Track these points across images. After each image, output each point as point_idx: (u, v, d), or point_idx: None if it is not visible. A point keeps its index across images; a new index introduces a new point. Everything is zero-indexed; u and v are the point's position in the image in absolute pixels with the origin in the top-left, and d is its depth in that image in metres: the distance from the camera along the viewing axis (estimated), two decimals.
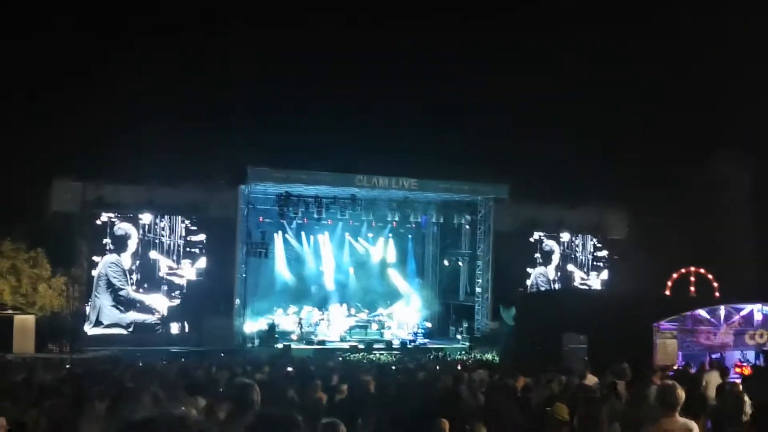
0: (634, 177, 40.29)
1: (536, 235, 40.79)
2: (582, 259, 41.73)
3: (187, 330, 34.65)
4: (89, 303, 33.63)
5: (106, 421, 7.90)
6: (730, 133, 36.39)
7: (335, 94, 41.39)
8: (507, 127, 41.10)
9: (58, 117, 37.22)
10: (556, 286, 40.55)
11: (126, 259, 34.14)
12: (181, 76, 41.72)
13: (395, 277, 41.28)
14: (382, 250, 41.15)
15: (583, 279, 41.55)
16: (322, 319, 37.09)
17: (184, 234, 35.07)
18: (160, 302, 34.65)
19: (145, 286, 34.47)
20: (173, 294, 34.90)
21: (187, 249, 35.12)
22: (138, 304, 34.27)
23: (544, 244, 40.94)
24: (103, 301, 33.76)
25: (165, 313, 34.67)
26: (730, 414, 12.19)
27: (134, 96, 37.15)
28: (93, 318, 33.58)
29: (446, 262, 41.21)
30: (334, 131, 40.34)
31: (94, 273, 33.69)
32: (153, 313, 34.52)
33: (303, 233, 39.50)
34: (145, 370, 20.12)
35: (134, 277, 34.33)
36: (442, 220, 39.52)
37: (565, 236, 41.28)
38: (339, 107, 41.68)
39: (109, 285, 33.89)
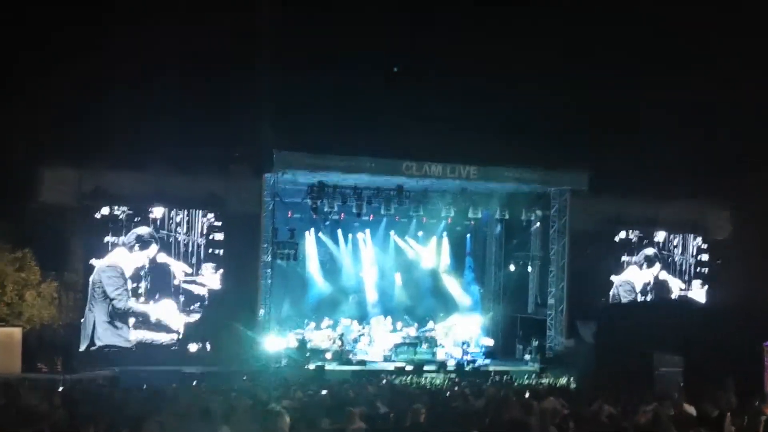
0: (739, 164, 39.83)
1: (622, 234, 40.54)
2: (681, 265, 41.39)
3: (209, 349, 34.93)
4: (83, 318, 33.80)
5: None
6: None
7: (378, 63, 41.32)
8: (587, 104, 40.78)
9: (47, 93, 37.56)
10: (648, 297, 40.21)
11: (127, 263, 34.38)
12: (193, 42, 41.84)
13: (450, 284, 41.33)
14: (435, 252, 41.20)
15: (682, 290, 41.19)
16: (362, 335, 37.22)
17: (205, 232, 35.26)
18: (175, 317, 34.78)
19: (156, 296, 34.67)
20: (192, 307, 35.08)
21: (209, 250, 35.36)
22: (141, 318, 34.30)
23: (633, 246, 40.70)
24: (97, 315, 33.84)
25: (181, 332, 34.84)
26: None
27: (138, 68, 37.34)
28: (87, 335, 33.71)
29: (512, 267, 41.07)
30: (378, 108, 40.27)
31: (90, 279, 33.87)
32: (167, 332, 34.64)
33: (339, 231, 39.72)
34: (151, 395, 20.38)
35: (143, 285, 34.48)
36: (507, 216, 39.31)
37: (660, 236, 40.99)
38: (383, 79, 41.60)
39: (105, 295, 34.02)
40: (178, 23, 38.67)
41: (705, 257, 41.54)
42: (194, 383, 27.97)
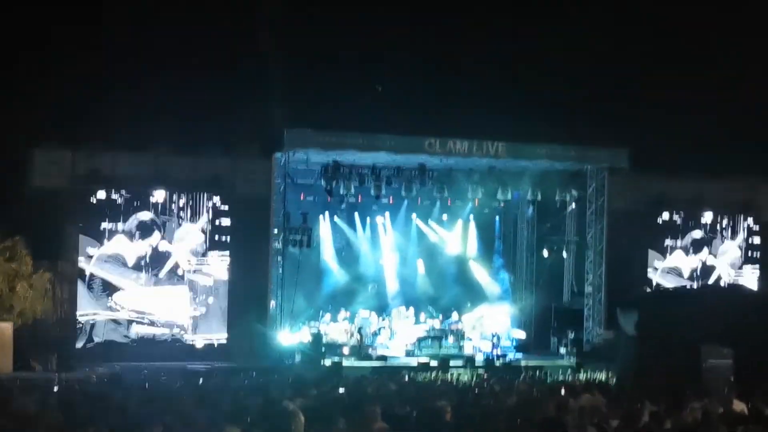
0: None
1: (665, 215, 40.35)
2: (731, 248, 41.18)
3: (216, 345, 34.97)
4: (79, 311, 33.87)
5: None
6: None
7: (398, 32, 41.17)
8: (625, 75, 40.56)
9: (38, 67, 37.56)
10: (695, 284, 40.07)
11: (129, 252, 34.45)
12: (197, 14, 41.79)
13: (478, 272, 41.27)
14: (461, 236, 41.13)
15: (731, 276, 41.00)
16: (382, 328, 37.19)
17: (211, 217, 35.22)
18: (179, 310, 34.82)
19: (159, 287, 34.71)
20: (197, 299, 35.12)
21: (215, 237, 35.32)
22: (143, 311, 34.43)
23: (678, 228, 40.51)
24: (96, 309, 33.98)
25: (186, 326, 34.91)
26: None
27: (136, 39, 37.28)
28: (84, 330, 33.84)
29: (545, 253, 40.98)
30: (398, 81, 40.12)
31: (87, 269, 34.06)
32: (171, 326, 34.75)
33: (356, 215, 39.64)
34: (153, 394, 20.45)
35: (144, 275, 34.59)
36: (539, 197, 39.24)
37: (707, 217, 40.76)
38: (403, 49, 41.47)
39: (105, 287, 34.20)
40: None
41: (757, 240, 41.34)
42: (200, 381, 28.02)
